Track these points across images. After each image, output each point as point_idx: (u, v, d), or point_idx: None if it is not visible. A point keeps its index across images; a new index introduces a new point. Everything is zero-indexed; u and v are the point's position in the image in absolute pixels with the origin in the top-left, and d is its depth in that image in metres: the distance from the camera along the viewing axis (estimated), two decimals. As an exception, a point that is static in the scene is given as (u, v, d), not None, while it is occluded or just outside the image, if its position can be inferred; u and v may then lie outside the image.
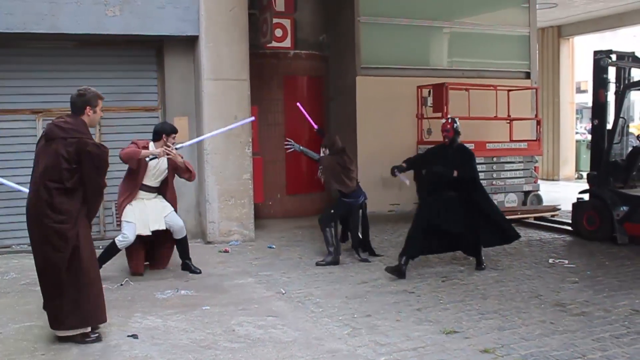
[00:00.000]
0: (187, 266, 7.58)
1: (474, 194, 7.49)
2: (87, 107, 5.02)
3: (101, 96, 5.16)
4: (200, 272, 7.48)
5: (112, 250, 7.18)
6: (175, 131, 7.42)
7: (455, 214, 7.35)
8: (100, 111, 5.13)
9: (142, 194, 7.28)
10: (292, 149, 8.44)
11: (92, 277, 5.00)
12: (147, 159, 7.04)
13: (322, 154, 8.25)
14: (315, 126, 9.11)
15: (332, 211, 8.17)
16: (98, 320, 5.10)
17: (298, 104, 9.09)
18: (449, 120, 7.64)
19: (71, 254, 4.90)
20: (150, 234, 7.27)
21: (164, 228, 7.34)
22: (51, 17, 8.54)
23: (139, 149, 7.04)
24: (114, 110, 9.18)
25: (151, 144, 7.27)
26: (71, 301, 4.92)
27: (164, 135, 7.27)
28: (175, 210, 7.53)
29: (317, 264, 7.80)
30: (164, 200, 7.44)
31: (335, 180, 8.05)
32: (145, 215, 7.20)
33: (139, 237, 7.24)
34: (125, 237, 7.15)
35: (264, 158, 10.42)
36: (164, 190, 7.47)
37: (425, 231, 7.26)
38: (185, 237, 7.58)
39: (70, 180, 4.86)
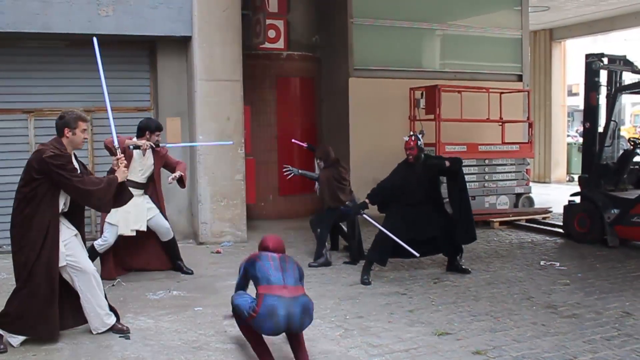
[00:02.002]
0: (179, 267, 7.56)
1: (456, 181, 7.38)
2: (66, 129, 5.04)
3: (83, 118, 5.15)
4: (192, 273, 7.47)
5: (92, 254, 6.91)
6: (160, 128, 7.35)
7: (427, 221, 7.22)
8: (83, 132, 5.10)
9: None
10: (292, 174, 8.33)
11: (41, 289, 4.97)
12: (130, 147, 7.00)
13: (317, 167, 8.30)
14: (304, 144, 9.21)
15: (325, 215, 8.18)
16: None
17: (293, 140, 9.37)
18: (412, 138, 7.25)
19: (28, 262, 4.92)
20: (132, 234, 7.20)
21: (144, 229, 7.25)
22: (43, 17, 8.50)
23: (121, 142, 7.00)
24: (106, 110, 9.12)
25: (134, 140, 7.22)
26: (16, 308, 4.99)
27: (147, 132, 7.21)
28: (163, 212, 7.46)
29: (310, 266, 7.80)
30: (151, 201, 7.35)
31: (330, 197, 8.08)
32: (127, 213, 7.04)
33: (121, 239, 7.18)
34: (105, 240, 7.11)
35: (256, 159, 10.41)
36: (151, 189, 7.38)
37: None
38: (173, 238, 7.53)
39: (30, 189, 4.90)
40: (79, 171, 5.03)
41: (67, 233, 5.12)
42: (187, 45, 9.45)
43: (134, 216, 7.16)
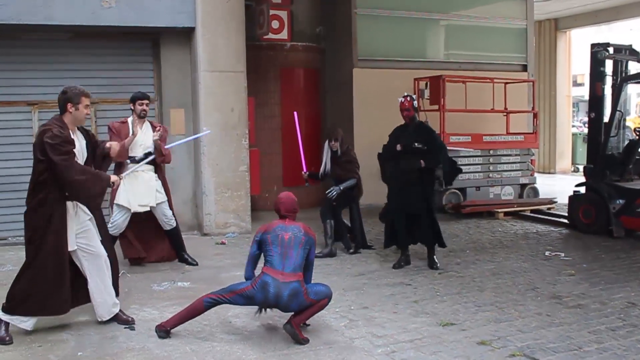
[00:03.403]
0: (184, 258, 7.57)
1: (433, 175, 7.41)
2: (69, 104, 5.01)
3: (86, 93, 5.09)
4: (196, 264, 7.48)
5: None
6: (143, 97, 7.29)
7: (416, 196, 7.22)
8: (86, 108, 5.07)
9: (131, 166, 6.99)
10: (336, 194, 8.07)
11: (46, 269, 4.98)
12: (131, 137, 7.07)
13: (327, 149, 8.25)
14: (305, 169, 8.48)
15: (334, 203, 8.16)
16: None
17: (295, 114, 8.70)
18: (408, 99, 7.30)
19: (36, 245, 4.93)
20: (141, 210, 7.16)
21: (153, 205, 7.22)
22: (46, 8, 8.49)
23: (117, 134, 7.02)
24: (109, 102, 9.15)
25: (129, 119, 7.26)
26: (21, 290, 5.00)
27: (133, 104, 7.23)
28: (170, 199, 7.45)
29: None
30: (161, 187, 7.33)
31: (359, 178, 8.24)
32: (136, 189, 7.05)
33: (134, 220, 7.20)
34: (114, 221, 7.10)
35: (260, 150, 10.40)
36: (162, 176, 7.40)
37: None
38: (176, 228, 7.53)
39: (38, 173, 4.89)
40: (76, 154, 4.97)
41: (82, 217, 5.12)
42: (191, 36, 9.42)
43: (142, 193, 7.13)
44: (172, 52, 9.57)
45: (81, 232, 5.09)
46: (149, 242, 7.51)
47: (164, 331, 4.98)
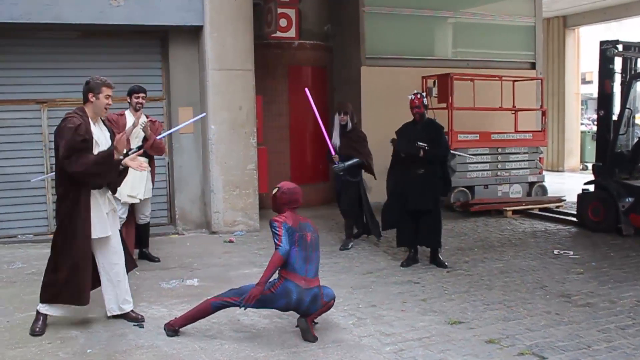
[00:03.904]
0: (145, 254, 7.63)
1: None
2: (90, 94, 5.09)
3: (108, 84, 5.16)
4: (159, 261, 7.54)
5: None
6: (139, 90, 7.37)
7: (422, 191, 7.17)
8: (107, 99, 5.13)
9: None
10: (342, 170, 8.08)
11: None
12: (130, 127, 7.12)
13: (336, 122, 8.31)
14: (333, 152, 8.21)
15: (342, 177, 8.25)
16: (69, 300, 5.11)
17: (306, 90, 8.45)
18: (419, 96, 7.30)
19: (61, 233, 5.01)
20: (129, 201, 7.16)
21: (141, 198, 7.24)
22: (55, 7, 8.52)
23: (115, 125, 7.03)
24: (118, 100, 9.13)
25: (127, 112, 7.34)
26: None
27: (128, 97, 7.35)
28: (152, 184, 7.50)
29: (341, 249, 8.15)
30: (150, 182, 7.37)
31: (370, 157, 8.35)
32: (125, 181, 7.06)
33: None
34: None
35: (268, 148, 10.41)
36: (153, 171, 7.46)
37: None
38: (149, 224, 7.58)
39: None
40: (93, 143, 4.99)
41: (106, 207, 5.16)
42: (199, 34, 9.44)
43: (132, 184, 7.03)
44: (180, 51, 9.58)
45: (101, 222, 5.10)
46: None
47: (172, 330, 5.00)
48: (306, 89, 8.35)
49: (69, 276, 4.97)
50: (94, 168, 4.91)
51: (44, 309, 5.09)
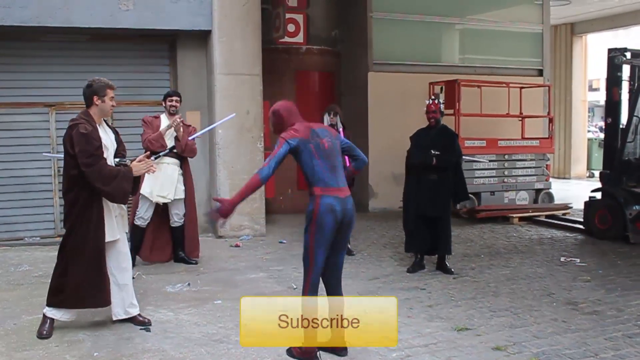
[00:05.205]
0: (180, 257, 7.66)
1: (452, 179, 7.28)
2: (95, 97, 5.09)
3: (111, 85, 5.18)
4: (196, 263, 7.58)
5: (136, 232, 7.29)
6: (173, 94, 7.57)
7: (433, 197, 7.14)
8: (111, 100, 5.14)
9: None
10: None
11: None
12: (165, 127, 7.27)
13: (331, 122, 8.04)
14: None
15: None
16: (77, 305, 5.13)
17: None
18: (435, 102, 7.30)
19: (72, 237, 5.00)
20: (158, 201, 7.26)
21: (170, 199, 7.32)
22: (65, 11, 8.57)
23: (150, 126, 7.25)
24: (126, 104, 9.20)
25: (162, 115, 7.48)
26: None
27: (163, 101, 7.52)
28: (192, 196, 7.56)
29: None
30: (183, 184, 7.41)
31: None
32: (156, 179, 7.09)
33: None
34: (138, 213, 7.28)
35: (275, 153, 10.40)
36: (187, 174, 7.50)
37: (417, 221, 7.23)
38: (182, 227, 7.58)
39: (73, 167, 4.93)
40: (103, 148, 5.01)
41: (115, 211, 5.17)
42: (207, 39, 9.47)
43: (163, 184, 7.22)
44: (188, 55, 9.62)
45: (111, 226, 5.11)
46: (154, 242, 7.61)
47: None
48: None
49: (81, 281, 4.97)
50: (117, 189, 4.94)
51: (50, 312, 5.10)
